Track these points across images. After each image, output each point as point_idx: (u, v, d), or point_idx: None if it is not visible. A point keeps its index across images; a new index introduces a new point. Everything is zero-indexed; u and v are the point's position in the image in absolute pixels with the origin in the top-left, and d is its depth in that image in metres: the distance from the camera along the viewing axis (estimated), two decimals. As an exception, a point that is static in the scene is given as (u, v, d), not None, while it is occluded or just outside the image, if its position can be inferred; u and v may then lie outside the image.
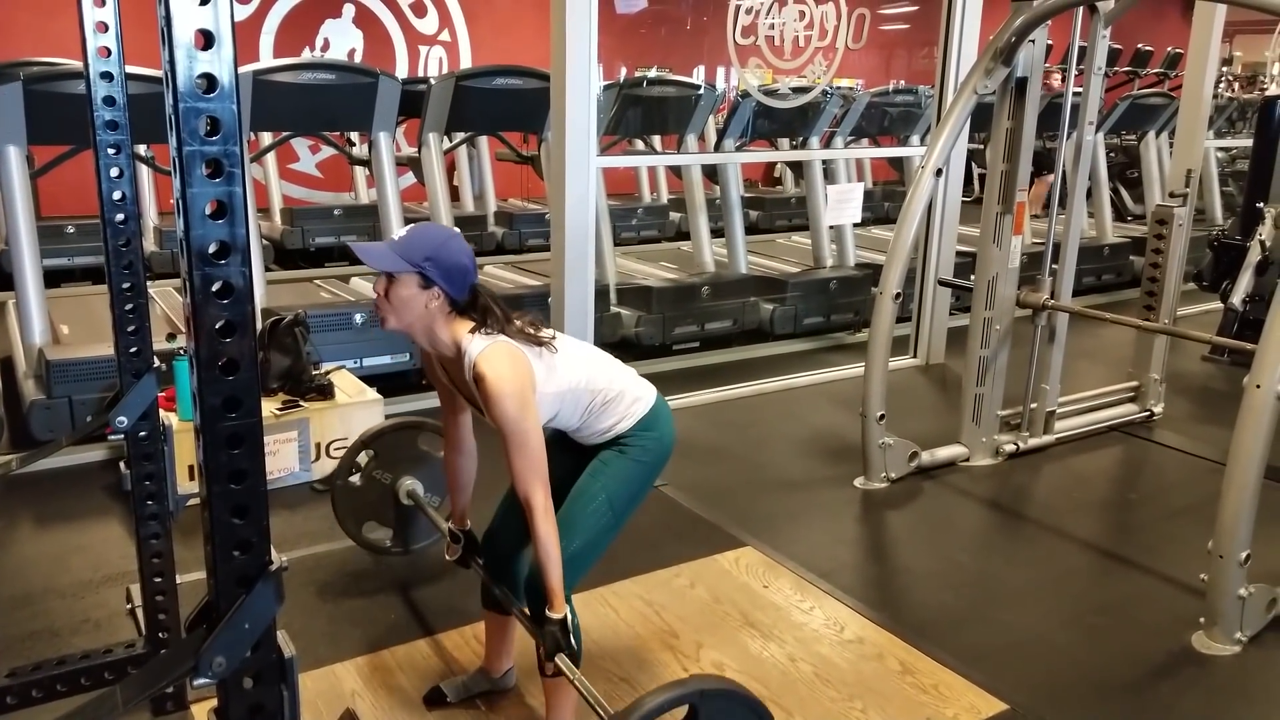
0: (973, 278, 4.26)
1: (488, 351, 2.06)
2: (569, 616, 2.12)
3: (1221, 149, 9.03)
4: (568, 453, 2.32)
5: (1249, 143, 7.08)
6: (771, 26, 5.30)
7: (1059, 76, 9.10)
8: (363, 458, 2.94)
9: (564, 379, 2.18)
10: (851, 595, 3.14)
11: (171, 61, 1.00)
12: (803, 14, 5.37)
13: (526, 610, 2.24)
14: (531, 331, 2.17)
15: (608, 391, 2.25)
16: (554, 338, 2.21)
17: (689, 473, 4.06)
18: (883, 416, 3.91)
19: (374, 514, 2.93)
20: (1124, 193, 9.59)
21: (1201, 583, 2.93)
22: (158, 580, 2.36)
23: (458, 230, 2.12)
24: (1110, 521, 3.89)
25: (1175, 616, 3.05)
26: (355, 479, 2.87)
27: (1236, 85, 10.26)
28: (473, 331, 2.10)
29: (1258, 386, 2.77)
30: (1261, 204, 5.54)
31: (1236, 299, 5.31)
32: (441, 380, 2.31)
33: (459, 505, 2.51)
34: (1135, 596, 3.22)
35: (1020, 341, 4.29)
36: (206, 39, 1.00)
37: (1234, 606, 2.86)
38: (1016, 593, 3.23)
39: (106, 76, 2.00)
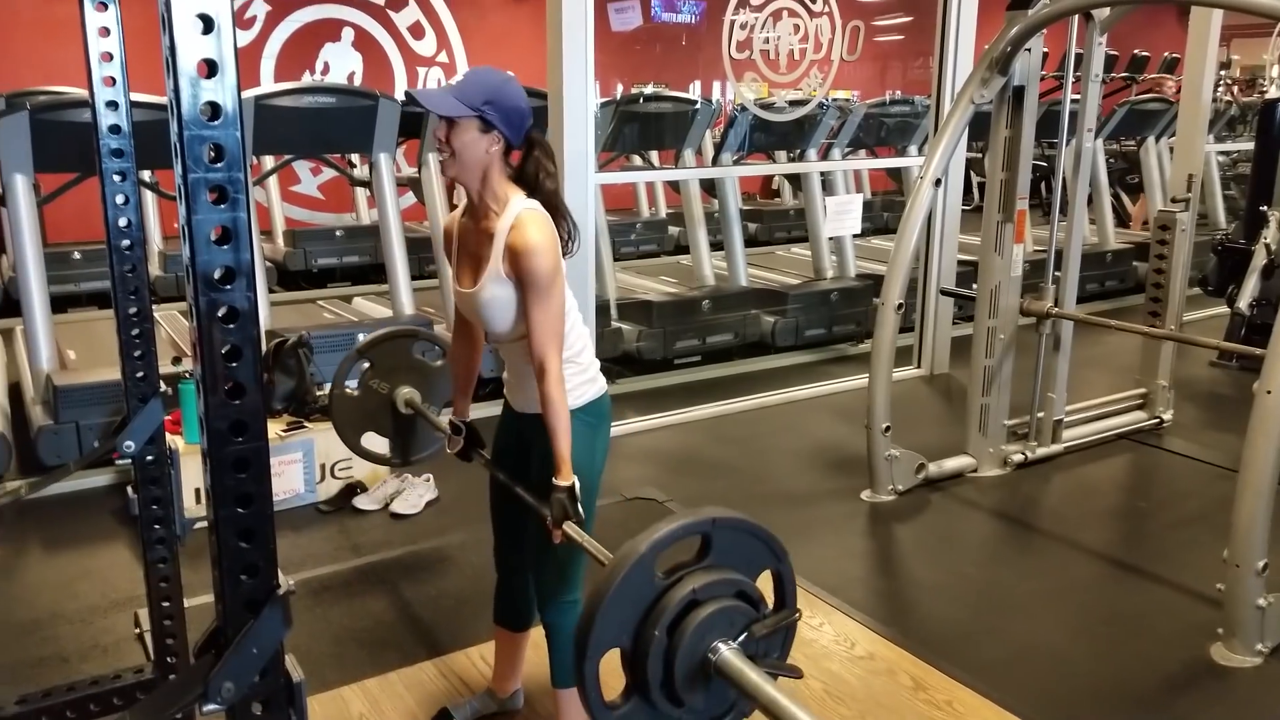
0: (975, 287, 4.26)
1: (538, 212, 2.08)
2: (575, 483, 2.08)
3: (1222, 153, 9.04)
4: (509, 434, 2.34)
5: (1250, 146, 7.09)
6: (766, 40, 5.32)
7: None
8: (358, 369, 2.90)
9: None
10: (861, 610, 3.13)
11: (176, 90, 1.00)
12: (797, 27, 5.39)
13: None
14: (564, 235, 2.15)
15: (580, 352, 2.23)
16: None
17: (693, 487, 4.05)
18: (888, 428, 3.90)
19: (372, 424, 2.89)
20: (1125, 198, 9.60)
21: (1218, 592, 2.90)
22: (165, 605, 2.35)
23: (513, 74, 2.11)
24: (1122, 531, 3.87)
25: (1192, 627, 3.02)
26: (352, 388, 2.83)
27: (1236, 89, 10.27)
28: (528, 197, 2.11)
29: (1268, 392, 2.76)
30: (1265, 207, 5.54)
31: (1243, 303, 5.29)
32: (451, 251, 2.27)
33: (463, 396, 2.49)
34: (1150, 607, 3.20)
35: (1025, 350, 4.29)
36: (210, 68, 1.01)
37: (1253, 617, 2.83)
38: (1028, 605, 3.22)
39: (112, 105, 2.01)
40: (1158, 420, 4.76)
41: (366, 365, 2.79)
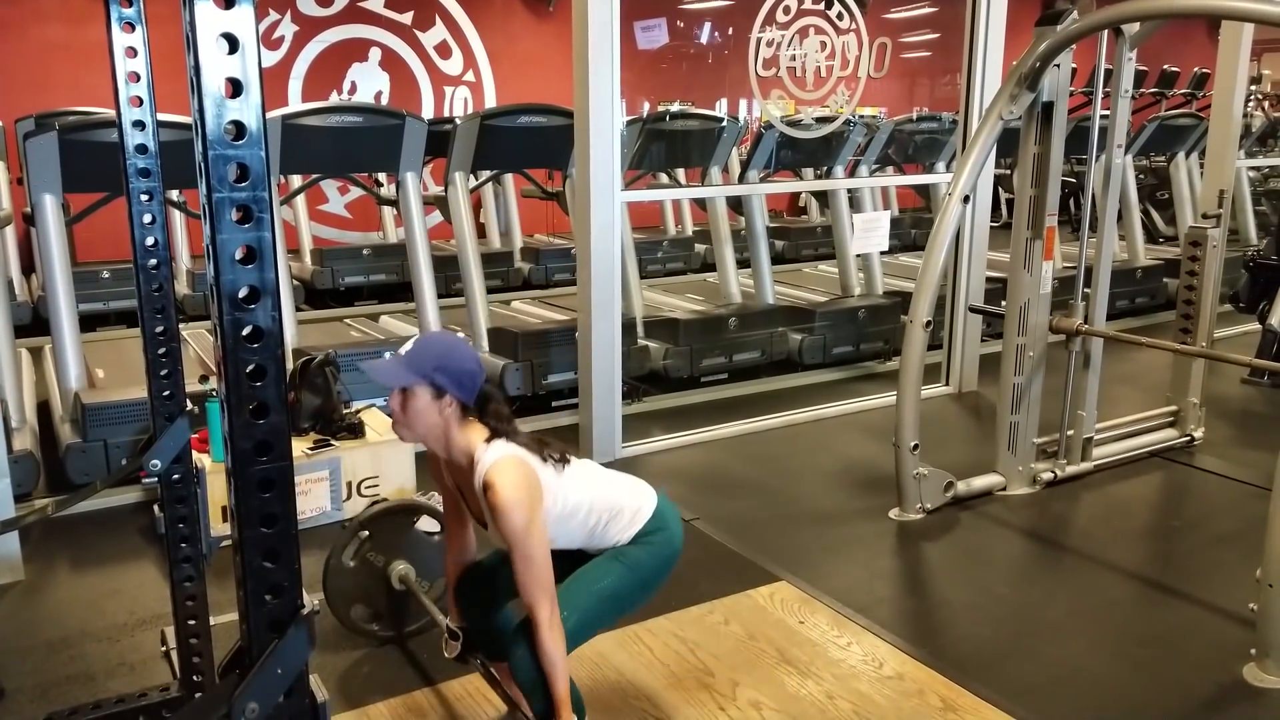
0: (1004, 304, 4.22)
1: (501, 462, 2.08)
2: None
3: (1253, 168, 8.94)
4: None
5: (1281, 162, 7.01)
6: (793, 58, 5.32)
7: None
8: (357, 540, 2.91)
9: (570, 499, 2.19)
10: (890, 630, 3.09)
11: (201, 110, 1.01)
12: (824, 44, 5.38)
13: (529, 711, 2.23)
14: (539, 446, 2.18)
15: (611, 512, 2.27)
16: (563, 457, 2.22)
17: (720, 507, 4.03)
18: (916, 446, 3.86)
19: (364, 597, 2.91)
20: (1155, 214, 9.51)
21: (1251, 612, 2.86)
22: (191, 623, 2.36)
23: (461, 335, 2.16)
24: (1153, 550, 3.81)
25: (1224, 648, 2.97)
26: (348, 560, 2.84)
27: (1266, 104, 10.16)
28: (488, 441, 2.12)
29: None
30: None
31: (1275, 320, 5.23)
32: (447, 485, 2.32)
33: (457, 601, 2.50)
34: (1182, 627, 3.14)
35: (1055, 367, 4.24)
36: (235, 87, 1.01)
37: (1285, 636, 2.78)
38: (1059, 625, 3.17)
39: (139, 125, 2.03)
40: (1189, 438, 4.69)
41: (365, 535, 2.81)
